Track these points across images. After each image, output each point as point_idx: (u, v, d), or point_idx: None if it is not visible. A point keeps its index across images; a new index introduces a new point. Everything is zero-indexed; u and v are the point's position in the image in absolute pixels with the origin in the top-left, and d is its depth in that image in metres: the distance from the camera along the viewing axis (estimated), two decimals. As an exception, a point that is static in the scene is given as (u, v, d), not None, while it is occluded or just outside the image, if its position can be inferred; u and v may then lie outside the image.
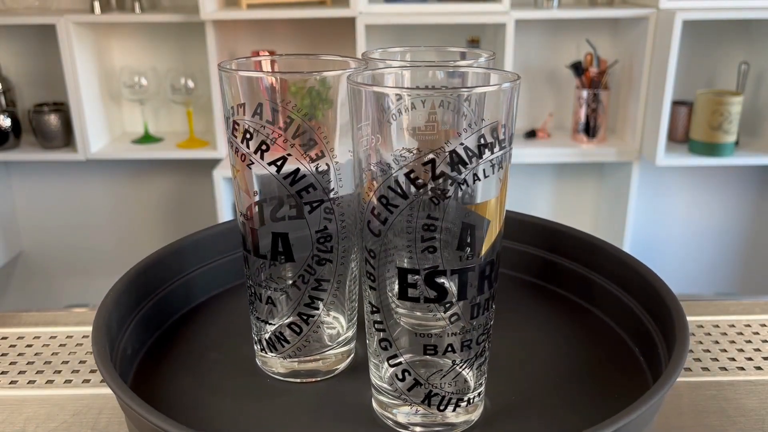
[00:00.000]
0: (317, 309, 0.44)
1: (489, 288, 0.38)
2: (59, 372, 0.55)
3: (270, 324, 0.45)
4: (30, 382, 0.54)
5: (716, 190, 2.16)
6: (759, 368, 0.55)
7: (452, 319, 0.38)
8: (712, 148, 1.83)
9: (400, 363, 0.39)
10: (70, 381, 0.54)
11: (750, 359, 0.56)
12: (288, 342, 0.45)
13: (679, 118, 1.92)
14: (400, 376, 0.39)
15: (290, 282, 0.44)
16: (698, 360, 0.56)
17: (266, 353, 0.46)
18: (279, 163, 0.41)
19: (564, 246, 0.56)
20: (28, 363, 0.56)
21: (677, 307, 0.43)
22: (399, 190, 0.35)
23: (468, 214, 0.36)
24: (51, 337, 0.60)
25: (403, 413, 0.40)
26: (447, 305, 0.37)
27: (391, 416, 0.41)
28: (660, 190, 2.15)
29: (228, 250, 0.57)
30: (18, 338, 0.60)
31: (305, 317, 0.44)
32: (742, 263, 2.23)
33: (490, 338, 0.40)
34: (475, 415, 0.41)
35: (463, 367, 0.39)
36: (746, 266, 2.23)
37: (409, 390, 0.39)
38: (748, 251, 2.21)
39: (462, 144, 0.34)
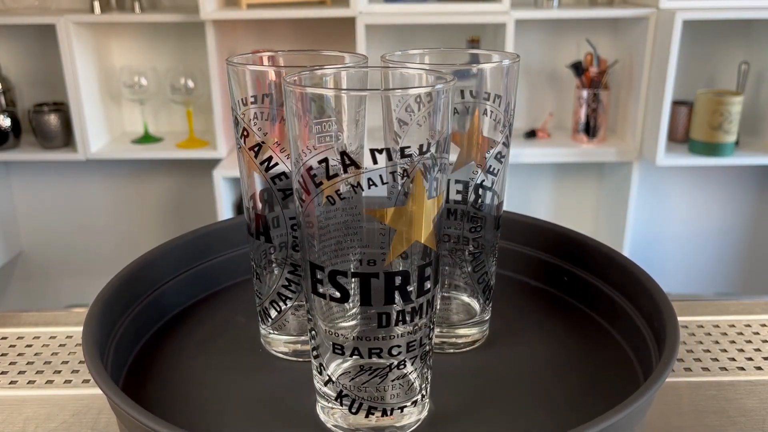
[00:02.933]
0: (294, 292, 0.47)
1: (404, 300, 0.36)
2: (59, 372, 0.55)
3: (260, 298, 0.49)
4: (30, 382, 0.54)
5: (716, 190, 2.16)
6: (759, 368, 0.55)
7: (355, 324, 0.37)
8: (712, 148, 1.83)
9: (318, 356, 0.39)
10: (70, 381, 0.54)
11: (750, 359, 0.56)
12: (271, 318, 0.48)
13: (679, 118, 1.92)
14: (318, 370, 0.40)
15: (272, 263, 0.47)
16: (698, 360, 0.56)
17: (264, 329, 0.49)
18: (256, 150, 0.44)
19: (557, 246, 0.56)
20: (28, 363, 0.56)
21: (669, 308, 0.43)
22: (303, 186, 0.36)
23: (370, 220, 0.35)
24: (51, 337, 0.60)
25: (326, 412, 0.41)
26: (351, 308, 0.37)
27: (321, 413, 0.41)
28: (660, 190, 2.15)
29: (221, 250, 0.58)
30: (18, 338, 0.60)
31: (284, 297, 0.47)
32: (742, 263, 2.23)
33: (415, 352, 0.38)
34: (396, 424, 0.40)
35: (374, 374, 0.38)
36: (746, 266, 2.23)
37: (324, 384, 0.40)
38: (748, 251, 2.21)
39: (352, 146, 0.34)
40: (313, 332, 0.39)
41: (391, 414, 0.39)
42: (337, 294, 0.37)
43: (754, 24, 1.94)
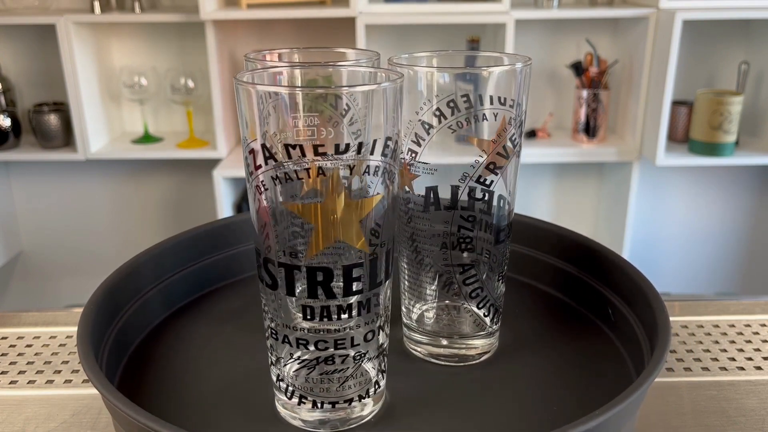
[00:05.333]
0: None
1: (327, 297, 0.37)
2: (59, 372, 0.55)
3: None
4: (30, 382, 0.54)
5: (716, 190, 2.16)
6: (759, 368, 0.55)
7: (282, 311, 0.38)
8: (712, 148, 1.83)
9: (267, 338, 0.40)
10: (70, 381, 0.54)
11: (750, 359, 0.56)
12: None
13: (679, 118, 1.92)
14: (268, 352, 0.41)
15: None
16: (698, 360, 0.56)
17: None
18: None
19: (550, 245, 0.56)
20: (28, 363, 0.56)
21: (662, 310, 0.43)
22: (247, 173, 0.37)
23: (287, 213, 0.37)
24: (51, 337, 0.60)
25: (275, 398, 0.42)
26: (276, 296, 0.38)
27: (276, 403, 0.42)
28: (660, 190, 2.15)
29: (220, 248, 0.58)
30: (18, 338, 0.60)
31: None
32: (742, 263, 2.23)
33: (345, 350, 0.39)
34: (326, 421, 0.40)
35: (303, 365, 0.39)
36: (746, 266, 2.23)
37: (270, 365, 0.41)
38: (748, 251, 2.21)
39: (270, 140, 0.35)
40: (264, 313, 0.40)
41: (321, 407, 0.40)
42: (269, 281, 0.38)
43: (754, 24, 1.94)
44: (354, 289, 0.37)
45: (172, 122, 2.12)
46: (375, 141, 0.35)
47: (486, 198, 0.44)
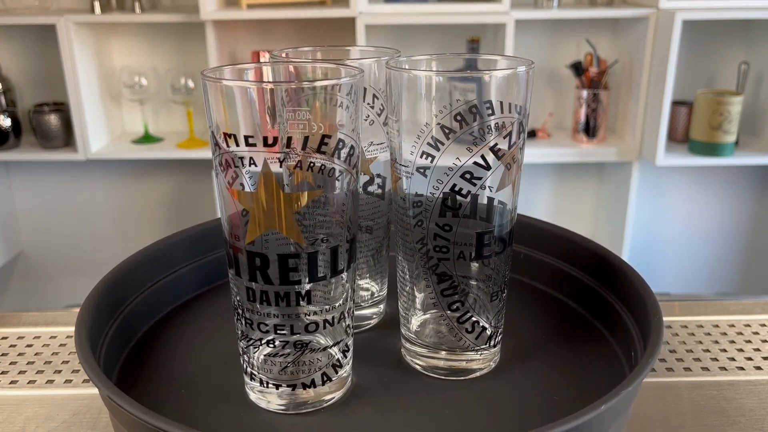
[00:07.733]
0: None
1: (264, 282, 0.39)
2: (59, 372, 0.55)
3: None
4: (30, 382, 0.54)
5: (716, 190, 2.16)
6: (759, 368, 0.55)
7: (239, 288, 0.40)
8: (712, 148, 1.83)
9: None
10: (70, 381, 0.54)
11: (750, 359, 0.56)
12: None
13: (679, 118, 1.92)
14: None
15: None
16: (698, 360, 0.56)
17: None
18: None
19: (549, 246, 0.56)
20: (28, 363, 0.56)
21: (656, 309, 0.43)
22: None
23: (232, 200, 0.38)
24: (51, 337, 0.60)
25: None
26: (233, 276, 0.40)
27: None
28: (660, 190, 2.15)
29: (213, 248, 0.58)
30: (18, 338, 0.60)
31: None
32: (742, 263, 2.23)
33: (285, 337, 0.40)
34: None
35: (250, 343, 0.41)
36: (746, 266, 2.23)
37: (240, 340, 0.43)
38: (748, 251, 2.21)
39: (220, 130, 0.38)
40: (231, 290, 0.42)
41: (267, 387, 0.41)
42: (227, 260, 0.40)
43: (754, 24, 1.94)
44: (291, 279, 0.38)
45: (172, 122, 2.12)
46: (306, 138, 0.36)
47: (485, 205, 0.41)
